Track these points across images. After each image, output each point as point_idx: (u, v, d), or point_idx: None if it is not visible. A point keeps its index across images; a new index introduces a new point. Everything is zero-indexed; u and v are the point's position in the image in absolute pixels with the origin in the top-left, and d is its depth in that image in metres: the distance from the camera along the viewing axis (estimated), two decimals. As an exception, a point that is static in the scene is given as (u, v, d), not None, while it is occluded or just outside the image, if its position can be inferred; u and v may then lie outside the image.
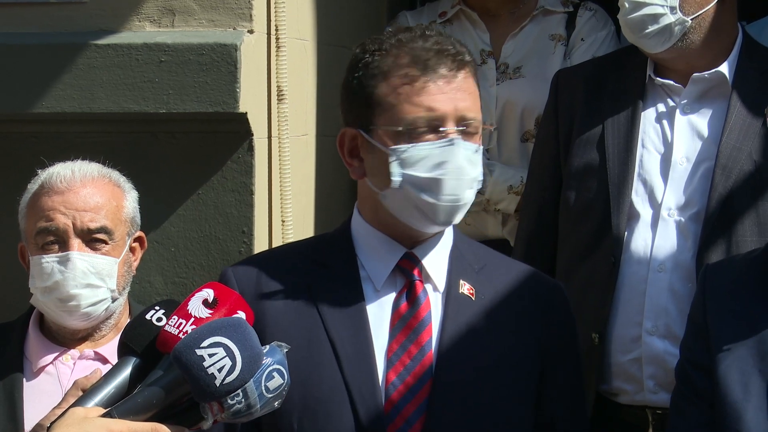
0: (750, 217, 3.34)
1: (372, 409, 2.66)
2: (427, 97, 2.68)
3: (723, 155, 3.36)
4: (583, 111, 3.53)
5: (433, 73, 2.68)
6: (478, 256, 2.86)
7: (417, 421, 2.67)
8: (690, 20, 3.37)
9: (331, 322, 2.71)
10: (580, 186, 3.48)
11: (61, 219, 3.27)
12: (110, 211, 3.31)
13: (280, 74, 3.73)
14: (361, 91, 2.72)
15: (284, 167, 3.74)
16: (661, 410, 3.33)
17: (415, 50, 2.70)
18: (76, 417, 2.18)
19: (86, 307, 3.27)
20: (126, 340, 2.31)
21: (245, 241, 3.67)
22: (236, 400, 2.19)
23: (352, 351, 2.69)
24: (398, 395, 2.67)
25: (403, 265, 2.76)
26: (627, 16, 3.38)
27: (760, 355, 2.61)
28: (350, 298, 2.73)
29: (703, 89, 3.44)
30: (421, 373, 2.69)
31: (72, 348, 3.34)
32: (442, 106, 2.68)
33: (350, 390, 2.67)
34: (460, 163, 2.67)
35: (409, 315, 2.73)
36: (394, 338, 2.71)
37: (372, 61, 2.72)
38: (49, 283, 3.26)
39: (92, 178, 3.33)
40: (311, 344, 2.70)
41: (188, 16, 3.68)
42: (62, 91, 3.64)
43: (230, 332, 2.20)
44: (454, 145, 2.67)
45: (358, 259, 2.79)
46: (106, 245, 3.30)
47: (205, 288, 2.32)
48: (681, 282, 3.33)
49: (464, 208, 2.72)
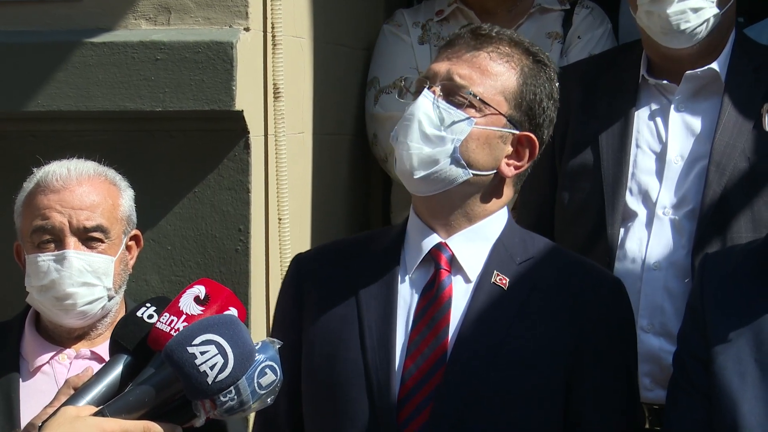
0: (744, 215, 3.33)
1: (386, 395, 2.69)
2: (433, 64, 2.80)
3: (717, 153, 3.35)
4: (577, 110, 3.52)
5: (452, 47, 2.80)
6: (528, 248, 2.84)
7: (426, 408, 2.68)
8: (720, 13, 3.35)
9: (366, 306, 2.77)
10: (575, 186, 3.47)
11: (57, 217, 3.26)
12: (106, 210, 3.31)
13: (276, 72, 3.73)
14: None
15: (281, 165, 3.74)
16: (657, 406, 3.33)
17: (457, 30, 2.85)
18: (67, 416, 2.18)
19: (82, 305, 3.26)
20: (117, 337, 2.31)
21: (242, 239, 3.67)
22: (229, 397, 2.19)
23: (377, 337, 2.73)
24: (413, 382, 2.69)
25: (433, 254, 2.78)
26: (667, 8, 3.30)
27: (757, 344, 2.60)
28: (385, 286, 2.78)
29: (696, 87, 3.43)
30: (435, 360, 2.70)
31: (68, 347, 3.33)
32: (436, 67, 2.77)
33: (369, 376, 2.71)
34: (414, 111, 2.74)
35: (430, 304, 2.75)
36: (415, 326, 2.74)
37: None
38: (45, 281, 3.26)
39: (88, 177, 3.32)
40: (345, 325, 2.77)
41: (184, 14, 3.68)
42: (58, 89, 3.64)
43: (222, 329, 2.20)
44: (421, 96, 2.74)
45: (403, 247, 2.83)
46: (102, 244, 3.29)
47: (197, 285, 2.32)
48: (676, 280, 3.32)
49: (417, 159, 2.72)
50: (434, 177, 2.73)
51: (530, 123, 2.80)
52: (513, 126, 2.77)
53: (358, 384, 2.71)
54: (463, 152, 2.73)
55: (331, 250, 2.97)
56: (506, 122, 2.76)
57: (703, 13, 3.32)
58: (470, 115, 2.73)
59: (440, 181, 2.74)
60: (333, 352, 2.76)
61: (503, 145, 2.78)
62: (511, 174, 2.81)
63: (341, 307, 2.79)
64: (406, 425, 2.68)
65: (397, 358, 2.71)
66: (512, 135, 2.77)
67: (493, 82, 2.75)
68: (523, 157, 2.81)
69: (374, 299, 2.77)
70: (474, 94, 2.73)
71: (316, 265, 2.89)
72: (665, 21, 3.31)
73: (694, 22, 3.32)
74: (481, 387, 2.69)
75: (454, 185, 2.75)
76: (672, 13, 3.30)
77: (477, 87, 2.74)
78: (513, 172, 2.80)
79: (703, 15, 3.32)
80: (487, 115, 2.75)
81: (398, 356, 2.71)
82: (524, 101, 2.78)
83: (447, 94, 2.74)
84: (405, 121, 2.74)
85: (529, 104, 2.78)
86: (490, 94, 2.74)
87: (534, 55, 2.82)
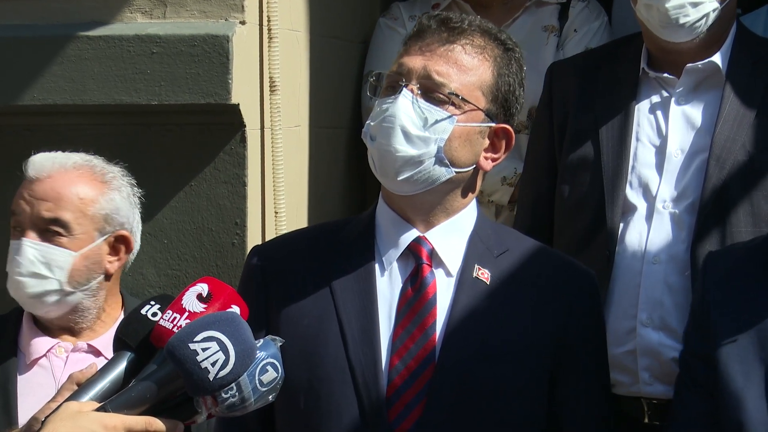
0: (744, 208, 3.32)
1: (374, 393, 2.66)
2: (404, 57, 2.75)
3: (717, 146, 3.35)
4: (576, 103, 3.51)
5: (423, 38, 2.74)
6: (502, 240, 2.84)
7: (417, 406, 2.66)
8: (720, 8, 3.35)
9: (342, 301, 2.72)
10: (575, 179, 3.46)
11: (22, 205, 3.29)
12: (72, 204, 3.28)
13: (272, 65, 3.72)
14: None
15: (277, 158, 3.74)
16: (656, 401, 3.33)
17: (423, 19, 2.77)
18: (69, 411, 2.19)
19: (31, 296, 3.27)
20: (121, 335, 2.32)
21: (238, 232, 3.67)
22: (230, 393, 2.19)
23: (358, 333, 2.70)
24: (400, 380, 2.67)
25: (413, 249, 2.76)
26: (666, 2, 3.27)
27: (761, 343, 2.61)
28: (362, 280, 2.74)
29: (697, 80, 3.43)
30: (423, 357, 2.68)
31: (62, 340, 3.33)
32: (411, 63, 2.73)
33: (354, 373, 2.68)
34: (395, 112, 2.69)
35: (414, 299, 2.73)
36: (399, 322, 2.71)
37: None
38: (8, 268, 3.30)
39: (65, 170, 3.31)
40: (321, 321, 2.72)
41: (180, 7, 3.67)
42: (54, 83, 3.64)
43: (223, 326, 2.20)
44: (400, 95, 2.70)
45: (376, 241, 2.79)
46: (62, 237, 3.27)
47: (200, 282, 2.33)
48: (675, 274, 3.31)
49: (401, 161, 2.70)
50: (418, 177, 2.71)
51: (505, 114, 2.79)
52: (490, 119, 2.76)
53: (342, 381, 2.67)
54: (447, 151, 2.71)
55: (292, 242, 2.91)
56: (484, 117, 2.75)
57: (703, 7, 3.31)
58: (451, 113, 2.71)
59: (423, 181, 2.72)
60: (310, 349, 2.70)
61: (482, 140, 2.77)
62: (489, 167, 2.81)
63: (313, 302, 2.74)
64: (397, 424, 2.66)
65: (383, 355, 2.69)
66: (489, 128, 2.77)
67: (470, 78, 2.73)
68: (500, 149, 2.80)
69: (351, 293, 2.73)
70: (455, 92, 2.71)
71: (279, 258, 2.83)
72: (664, 15, 3.30)
73: (694, 16, 3.31)
74: (473, 383, 2.68)
75: (436, 184, 2.74)
76: (671, 7, 3.29)
77: (455, 84, 2.71)
78: (490, 165, 2.81)
79: (702, 9, 3.31)
80: (467, 112, 2.73)
81: (384, 353, 2.69)
82: (500, 93, 2.77)
83: (426, 92, 2.71)
84: (384, 122, 2.70)
85: (504, 96, 2.78)
86: (468, 90, 2.73)
87: (504, 44, 2.81)
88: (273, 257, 2.83)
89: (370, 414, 2.66)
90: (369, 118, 2.76)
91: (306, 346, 2.70)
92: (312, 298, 2.74)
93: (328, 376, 2.69)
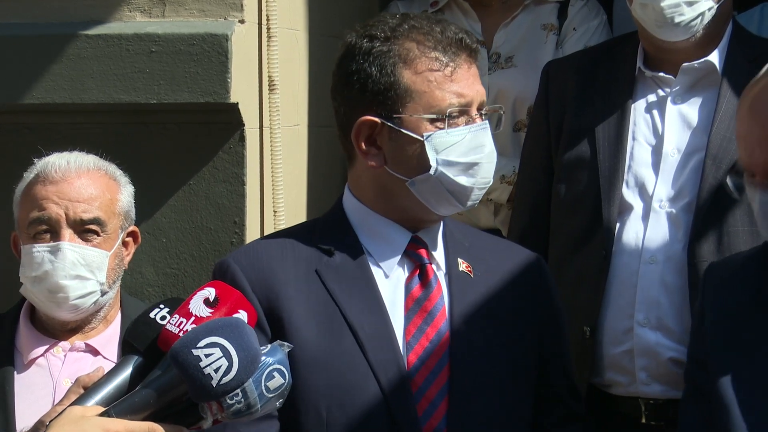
0: (741, 208, 3.32)
1: (400, 393, 2.68)
2: (456, 83, 2.72)
3: (713, 145, 3.35)
4: (573, 102, 3.52)
5: (459, 59, 2.74)
6: (464, 233, 2.92)
7: (441, 402, 2.70)
8: (716, 6, 3.35)
9: (348, 308, 2.72)
10: (571, 178, 3.47)
11: (53, 208, 3.26)
12: (104, 203, 3.30)
13: (271, 64, 3.72)
14: (380, 79, 2.72)
15: (276, 158, 3.74)
16: (653, 401, 3.34)
17: (436, 36, 2.74)
18: (73, 416, 2.19)
19: (75, 299, 3.26)
20: (129, 338, 2.31)
21: (237, 231, 3.67)
22: (235, 399, 2.18)
23: (373, 336, 2.70)
24: (421, 378, 2.70)
25: (411, 249, 2.79)
26: (661, 1, 3.29)
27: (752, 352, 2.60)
28: (362, 284, 2.75)
29: (693, 79, 3.43)
30: (440, 354, 2.72)
31: (62, 340, 3.33)
32: (468, 91, 2.74)
33: (377, 375, 2.68)
34: (491, 147, 2.76)
35: (423, 298, 2.76)
36: (410, 321, 2.74)
37: (388, 49, 2.73)
38: (39, 272, 3.25)
39: (87, 170, 3.32)
40: (328, 326, 2.70)
41: (179, 6, 3.67)
42: (53, 81, 3.64)
43: (227, 332, 2.20)
44: (486, 129, 2.76)
45: (362, 243, 2.79)
46: (97, 237, 3.29)
47: (207, 287, 2.32)
48: (672, 274, 3.32)
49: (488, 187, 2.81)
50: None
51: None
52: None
53: (365, 385, 2.67)
54: None
55: (266, 248, 2.81)
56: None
57: (698, 6, 3.32)
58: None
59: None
60: (330, 364, 2.68)
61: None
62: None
63: (314, 307, 2.71)
64: (424, 421, 2.68)
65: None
66: None
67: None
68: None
69: (355, 299, 2.72)
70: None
71: (259, 265, 2.75)
72: (659, 14, 3.31)
73: (689, 15, 3.32)
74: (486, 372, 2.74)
75: None
76: (666, 6, 3.30)
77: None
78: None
79: (698, 8, 3.32)
80: None
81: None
82: None
83: (483, 116, 2.78)
84: (483, 161, 2.75)
85: None
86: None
87: None
88: (252, 264, 2.75)
89: (400, 414, 2.67)
90: (442, 153, 2.72)
91: (316, 353, 2.68)
92: (315, 309, 2.72)
93: (348, 383, 2.68)
